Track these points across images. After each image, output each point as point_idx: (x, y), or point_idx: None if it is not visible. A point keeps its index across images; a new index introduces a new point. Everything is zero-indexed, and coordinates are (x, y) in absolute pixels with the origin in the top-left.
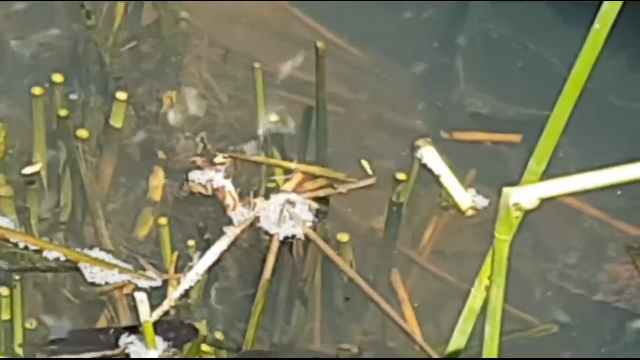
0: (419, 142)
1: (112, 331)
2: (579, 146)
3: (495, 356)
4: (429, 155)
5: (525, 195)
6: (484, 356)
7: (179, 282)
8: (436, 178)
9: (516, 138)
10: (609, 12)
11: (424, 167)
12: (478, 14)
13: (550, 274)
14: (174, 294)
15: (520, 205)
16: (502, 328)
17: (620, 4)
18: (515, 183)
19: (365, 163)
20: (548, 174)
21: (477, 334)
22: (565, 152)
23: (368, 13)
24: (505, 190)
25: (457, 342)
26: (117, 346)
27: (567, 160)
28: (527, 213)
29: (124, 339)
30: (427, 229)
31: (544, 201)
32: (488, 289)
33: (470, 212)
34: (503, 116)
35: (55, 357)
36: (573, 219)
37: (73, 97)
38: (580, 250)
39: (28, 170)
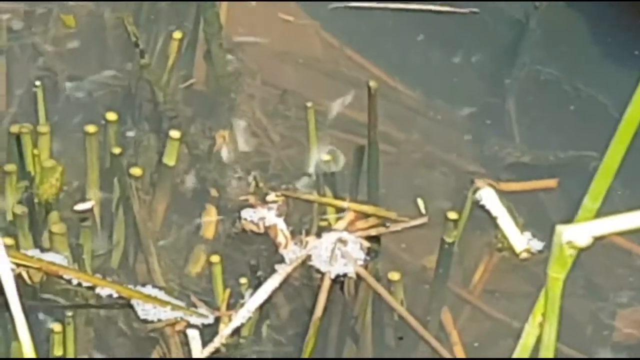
0: (478, 183)
1: None
2: (629, 187)
3: None
4: (488, 196)
5: (578, 233)
6: None
7: (230, 319)
8: (493, 219)
9: (552, 183)
10: None
11: (481, 207)
12: (528, 56)
13: (602, 313)
14: (225, 330)
15: (573, 243)
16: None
17: None
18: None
19: (420, 201)
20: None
21: None
22: (615, 192)
23: (419, 53)
24: (558, 227)
25: None
26: None
27: (617, 200)
28: (580, 251)
29: None
30: (477, 268)
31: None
32: (541, 326)
33: (524, 255)
34: (545, 161)
35: None
36: (623, 259)
37: (130, 134)
38: (630, 289)
39: (80, 207)
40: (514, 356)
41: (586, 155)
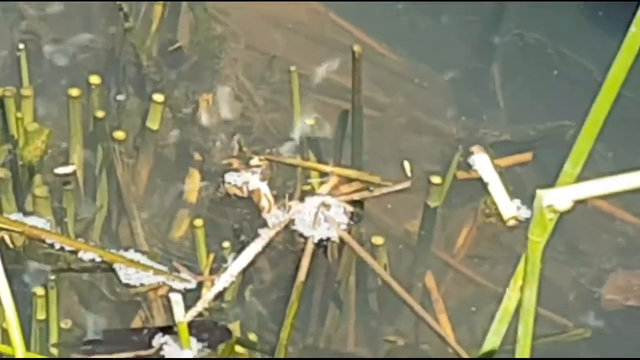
0: (474, 148)
1: (146, 331)
2: (613, 151)
3: (527, 356)
4: (481, 161)
5: (559, 197)
6: (517, 356)
7: (213, 284)
8: (484, 185)
9: (528, 157)
10: None
11: (469, 172)
12: (513, 21)
13: (585, 279)
14: (208, 294)
15: (553, 207)
16: (535, 329)
17: None
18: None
19: (406, 164)
20: (582, 178)
21: (511, 338)
22: (599, 156)
23: (404, 17)
24: (539, 192)
25: (491, 342)
26: (150, 346)
27: (602, 164)
28: (561, 215)
29: (158, 339)
30: (461, 233)
31: (578, 204)
32: (522, 290)
33: (511, 222)
34: (525, 136)
35: (89, 357)
36: (606, 224)
37: (114, 97)
38: (614, 254)
39: (61, 170)
40: (495, 320)
41: (566, 125)
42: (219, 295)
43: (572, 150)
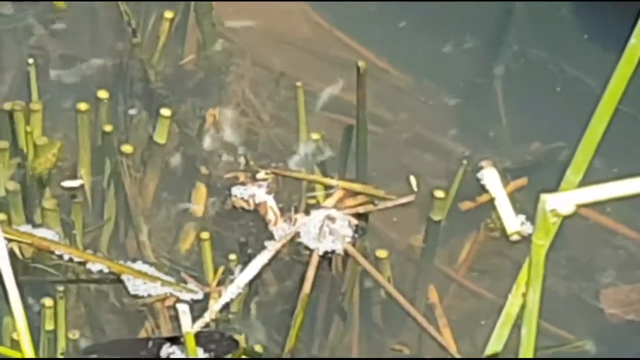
0: (483, 162)
1: (153, 342)
2: (616, 166)
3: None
4: (489, 176)
5: (561, 201)
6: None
7: (219, 295)
8: (491, 200)
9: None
10: None
11: (480, 187)
12: (515, 37)
13: (586, 293)
14: (215, 305)
15: (556, 211)
16: (537, 340)
17: None
18: None
19: (412, 179)
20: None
21: (512, 348)
22: (603, 172)
23: (407, 35)
24: (543, 196)
25: (494, 347)
26: (158, 356)
27: (604, 177)
28: (564, 231)
29: (165, 350)
30: (464, 247)
31: (580, 221)
32: (524, 294)
33: (515, 237)
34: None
35: None
36: (608, 239)
37: (121, 112)
38: (614, 269)
39: (68, 184)
40: (498, 325)
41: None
42: (226, 307)
43: (574, 158)
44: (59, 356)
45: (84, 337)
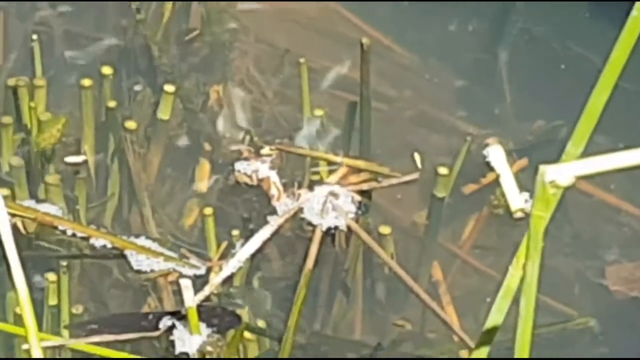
0: (489, 140)
1: (155, 315)
2: (623, 142)
3: (529, 331)
4: (496, 153)
5: (561, 172)
6: (519, 330)
7: (221, 270)
8: (496, 177)
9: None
10: None
11: (486, 164)
12: (520, 14)
13: (590, 270)
14: (216, 278)
15: (556, 182)
16: (540, 318)
17: None
18: None
19: (417, 156)
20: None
21: (513, 323)
22: (604, 146)
23: (412, 12)
24: (542, 167)
25: (494, 319)
26: (158, 329)
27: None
28: (567, 209)
29: (167, 323)
30: (468, 224)
31: (583, 198)
32: (524, 265)
33: (518, 214)
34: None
35: (96, 336)
36: (612, 217)
37: (125, 88)
38: (618, 246)
39: (71, 160)
40: (498, 298)
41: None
42: (228, 281)
43: (575, 130)
44: (62, 328)
45: (87, 312)
